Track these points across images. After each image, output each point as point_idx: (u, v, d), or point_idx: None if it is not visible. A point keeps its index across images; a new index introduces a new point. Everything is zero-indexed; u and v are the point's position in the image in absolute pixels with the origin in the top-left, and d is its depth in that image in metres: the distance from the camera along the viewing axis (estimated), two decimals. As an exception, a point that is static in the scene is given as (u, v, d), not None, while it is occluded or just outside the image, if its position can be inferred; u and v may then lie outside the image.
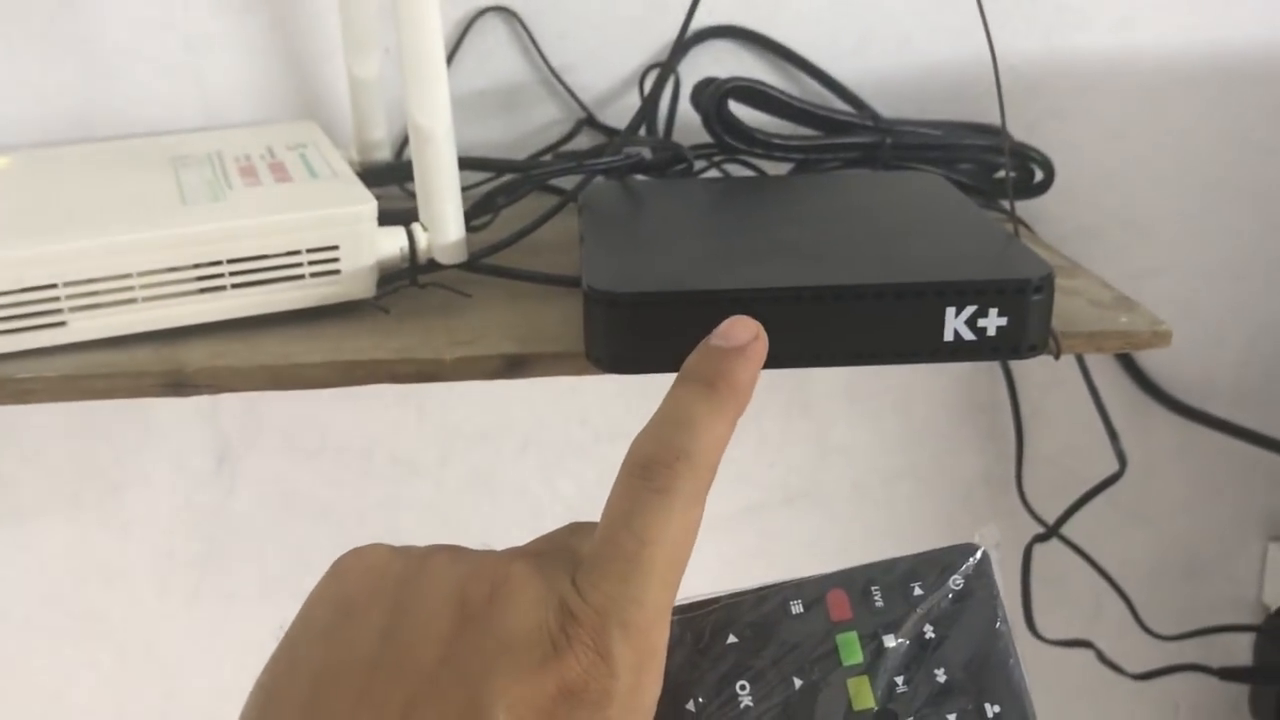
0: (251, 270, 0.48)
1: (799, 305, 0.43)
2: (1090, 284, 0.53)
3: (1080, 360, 0.69)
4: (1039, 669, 0.83)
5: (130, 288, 0.47)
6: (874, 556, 0.65)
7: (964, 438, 0.78)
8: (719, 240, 0.49)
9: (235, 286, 0.48)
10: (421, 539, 0.76)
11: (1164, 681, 0.80)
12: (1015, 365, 0.75)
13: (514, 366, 0.46)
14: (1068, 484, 0.75)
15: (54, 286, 0.46)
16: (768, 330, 0.37)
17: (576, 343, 0.46)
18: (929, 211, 0.52)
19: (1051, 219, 0.72)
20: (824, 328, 0.43)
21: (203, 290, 0.48)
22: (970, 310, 0.43)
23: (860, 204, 0.53)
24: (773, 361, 0.44)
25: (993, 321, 0.43)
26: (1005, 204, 0.67)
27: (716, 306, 0.43)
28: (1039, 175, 0.66)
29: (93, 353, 0.47)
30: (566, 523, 0.36)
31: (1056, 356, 0.47)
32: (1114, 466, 0.73)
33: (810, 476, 0.79)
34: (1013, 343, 0.44)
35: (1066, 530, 0.74)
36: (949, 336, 0.43)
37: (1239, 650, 0.83)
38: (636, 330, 0.43)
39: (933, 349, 0.44)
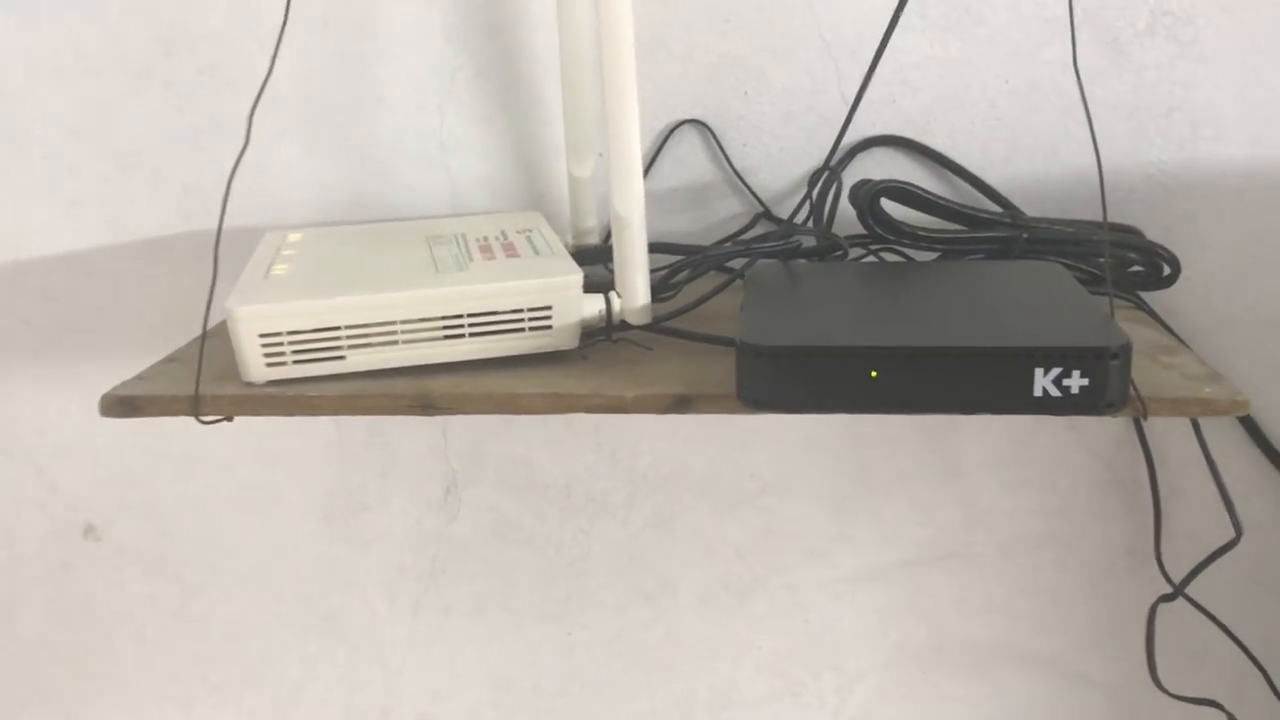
0: (485, 323, 0.62)
1: (911, 361, 0.53)
2: (1188, 361, 0.61)
3: (1198, 432, 0.75)
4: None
5: (394, 332, 0.61)
6: (1019, 616, 0.69)
7: (1106, 511, 0.85)
8: (855, 309, 0.59)
9: (472, 335, 0.62)
10: (610, 569, 0.88)
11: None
12: (1154, 443, 0.81)
13: (681, 404, 0.58)
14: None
15: (337, 329, 0.61)
16: (884, 382, 0.46)
17: (732, 389, 0.57)
18: (1040, 292, 0.61)
19: (1189, 312, 0.79)
20: (932, 381, 0.53)
21: (447, 337, 0.62)
22: (1056, 371, 0.52)
23: (983, 285, 0.63)
24: (890, 407, 0.54)
25: (1076, 381, 0.52)
26: (1137, 294, 0.75)
27: (841, 359, 0.53)
28: (1166, 270, 0.73)
29: (363, 380, 0.61)
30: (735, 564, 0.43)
31: (1144, 417, 0.55)
32: (1252, 542, 0.78)
33: (960, 537, 0.87)
34: (1093, 401, 0.52)
35: (1212, 606, 0.79)
36: (1038, 393, 0.53)
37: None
38: (776, 376, 0.54)
39: (1024, 403, 0.53)
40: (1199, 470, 0.82)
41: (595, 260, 0.76)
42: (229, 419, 0.62)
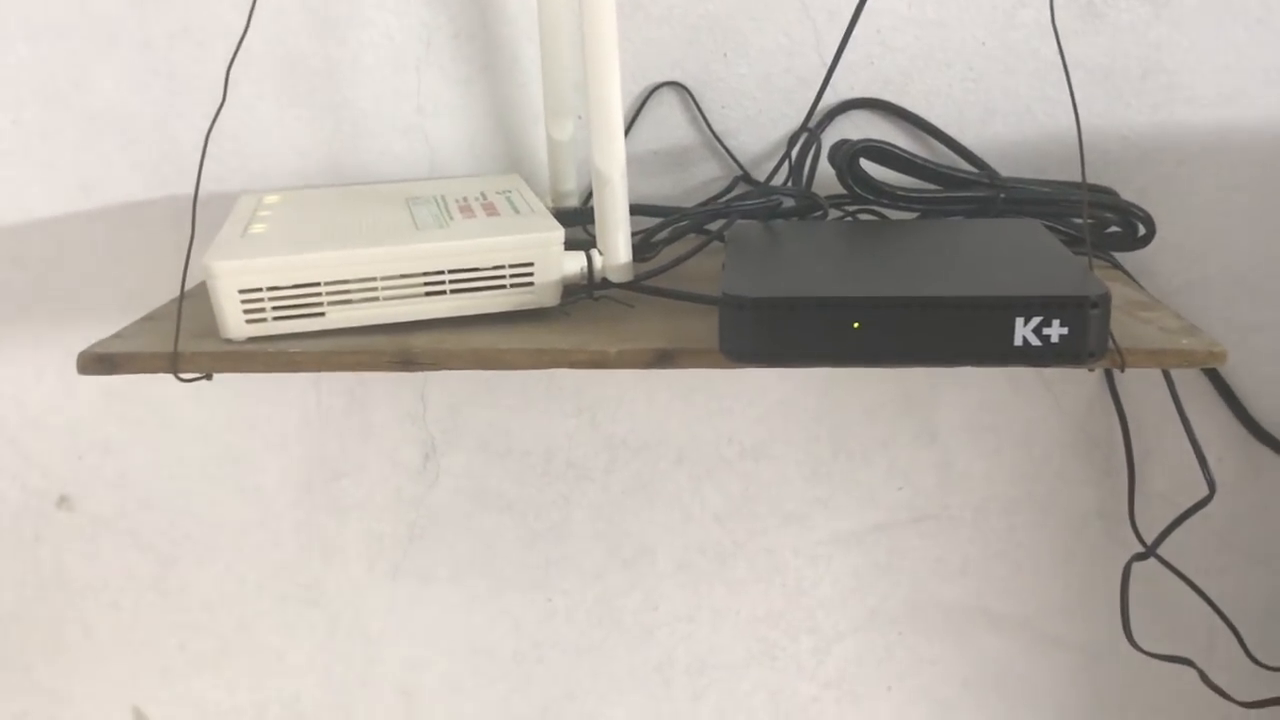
0: (466, 280, 0.62)
1: (894, 311, 0.53)
2: (1164, 316, 0.61)
3: (1172, 390, 0.76)
4: (1142, 686, 0.88)
5: (374, 289, 0.61)
6: (994, 578, 0.68)
7: (1080, 473, 0.86)
8: (836, 265, 0.60)
9: (453, 292, 0.62)
10: (589, 535, 0.88)
11: (1273, 713, 0.84)
12: (1128, 406, 0.82)
13: (663, 359, 0.58)
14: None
15: (317, 285, 0.61)
16: (867, 333, 0.46)
17: (714, 344, 0.57)
18: (1019, 248, 0.61)
19: (1163, 273, 0.80)
20: (914, 331, 0.53)
21: (428, 294, 0.62)
22: (1036, 320, 0.53)
23: (964, 241, 0.63)
24: (872, 359, 0.55)
25: (1056, 331, 0.53)
26: (1112, 255, 0.75)
27: (824, 310, 0.54)
28: (1142, 230, 0.74)
29: (344, 337, 0.61)
30: (713, 528, 0.43)
31: (1122, 369, 0.56)
32: (1222, 503, 0.79)
33: (936, 500, 0.87)
34: (1074, 350, 0.53)
35: (1184, 566, 0.81)
36: (1019, 342, 0.53)
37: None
38: (759, 329, 0.54)
39: (1004, 353, 0.53)
40: (1172, 432, 0.83)
41: (574, 223, 0.76)
42: (208, 377, 0.62)
